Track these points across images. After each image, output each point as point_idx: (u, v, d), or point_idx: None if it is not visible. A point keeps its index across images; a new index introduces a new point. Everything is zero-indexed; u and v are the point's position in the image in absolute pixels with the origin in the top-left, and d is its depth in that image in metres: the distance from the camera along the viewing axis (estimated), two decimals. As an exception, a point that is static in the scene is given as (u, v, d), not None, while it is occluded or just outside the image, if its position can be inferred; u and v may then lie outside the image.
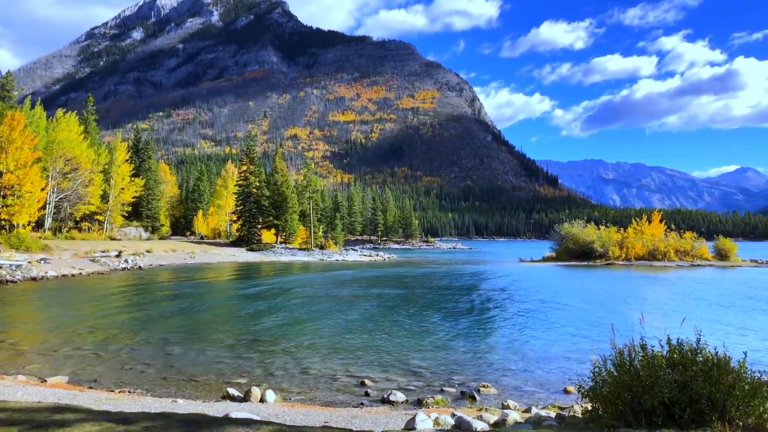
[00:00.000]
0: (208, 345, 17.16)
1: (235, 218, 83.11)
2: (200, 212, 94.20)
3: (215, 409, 9.44)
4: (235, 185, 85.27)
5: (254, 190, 79.83)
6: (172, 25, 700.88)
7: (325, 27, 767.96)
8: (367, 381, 13.09)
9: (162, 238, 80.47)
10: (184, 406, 9.77)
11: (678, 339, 7.41)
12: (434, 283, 42.45)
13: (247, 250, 73.82)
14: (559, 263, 67.68)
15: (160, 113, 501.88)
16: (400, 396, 11.64)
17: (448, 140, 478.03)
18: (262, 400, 11.02)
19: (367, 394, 12.15)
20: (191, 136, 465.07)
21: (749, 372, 7.09)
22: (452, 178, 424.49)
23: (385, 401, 11.47)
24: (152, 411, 7.95)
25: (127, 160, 71.63)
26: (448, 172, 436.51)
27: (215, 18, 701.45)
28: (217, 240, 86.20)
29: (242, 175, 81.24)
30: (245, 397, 11.13)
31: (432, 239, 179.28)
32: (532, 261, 71.63)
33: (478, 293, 34.72)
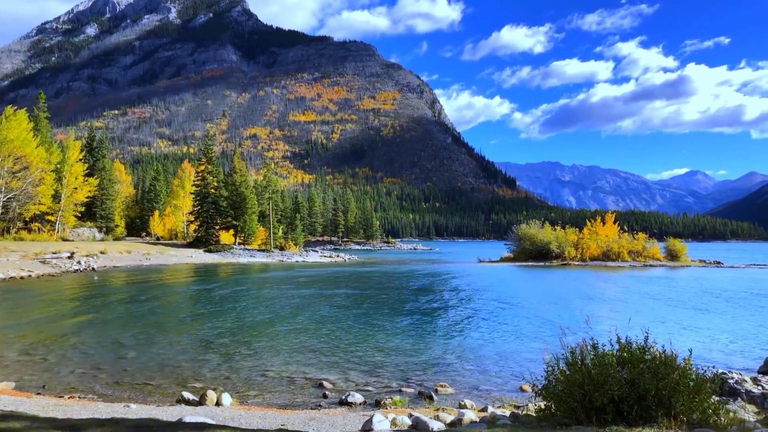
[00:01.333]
0: (163, 348, 16.84)
1: (192, 219, 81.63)
2: (156, 213, 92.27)
3: (169, 413, 9.26)
4: (192, 185, 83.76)
5: (212, 190, 78.62)
6: (128, 21, 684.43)
7: (288, 27, 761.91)
8: (325, 383, 13.05)
9: (117, 239, 78.49)
10: (136, 411, 9.56)
11: (627, 338, 7.62)
12: (394, 283, 42.55)
13: (205, 251, 72.62)
14: (517, 263, 68.70)
15: (116, 111, 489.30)
16: (358, 397, 11.64)
17: (408, 142, 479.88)
18: (218, 404, 10.87)
19: (325, 395, 12.12)
20: (147, 134, 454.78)
21: (694, 369, 7.35)
22: (413, 180, 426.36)
23: (343, 402, 11.46)
24: (102, 417, 7.76)
25: (80, 159, 69.55)
26: (408, 174, 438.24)
27: (173, 15, 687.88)
28: (174, 241, 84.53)
29: (200, 175, 79.86)
30: (201, 401, 10.96)
31: (393, 240, 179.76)
32: (491, 261, 72.50)
33: (438, 294, 34.96)
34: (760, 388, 10.97)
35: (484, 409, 10.22)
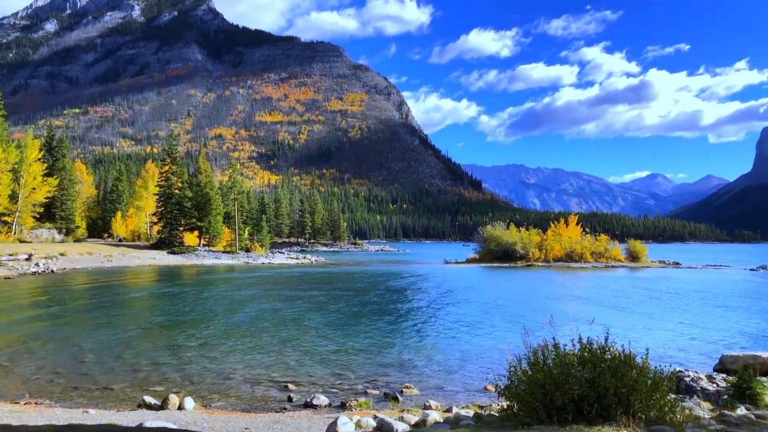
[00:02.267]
0: (125, 352, 16.52)
1: (155, 220, 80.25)
2: (119, 214, 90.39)
3: (129, 418, 9.09)
4: (156, 186, 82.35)
5: (176, 191, 77.43)
6: (90, 18, 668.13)
7: (256, 27, 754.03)
8: (290, 385, 12.97)
9: (77, 240, 76.59)
10: (95, 416, 9.34)
11: (588, 338, 7.76)
12: (361, 285, 42.53)
13: (169, 253, 71.47)
14: (482, 264, 69.37)
15: (76, 110, 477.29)
16: (323, 399, 11.60)
17: (376, 143, 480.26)
18: (180, 408, 10.71)
19: (290, 398, 12.04)
20: (110, 134, 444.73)
21: (652, 367, 7.53)
22: (380, 181, 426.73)
23: (308, 405, 11.40)
24: (60, 423, 7.58)
25: (39, 159, 67.66)
26: (376, 175, 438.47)
27: (136, 13, 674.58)
28: (137, 243, 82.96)
29: (164, 175, 78.59)
30: (162, 405, 10.79)
31: (360, 241, 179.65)
32: (457, 262, 73.05)
33: (404, 294, 35.08)
34: (714, 385, 11.30)
35: (449, 410, 10.29)
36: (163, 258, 67.07)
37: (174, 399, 10.94)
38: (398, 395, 12.15)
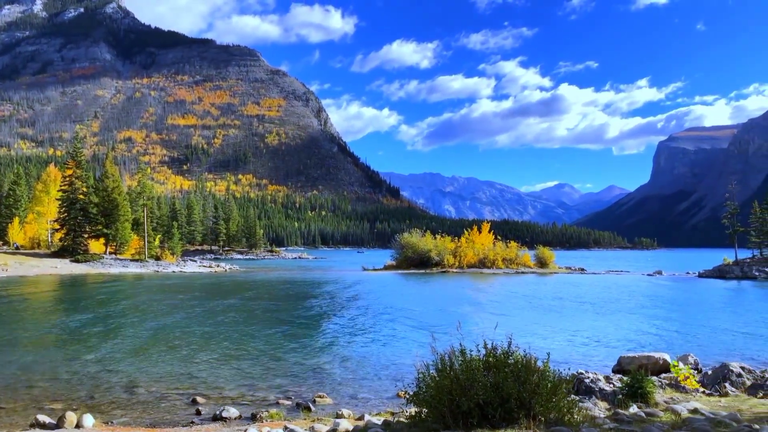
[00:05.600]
0: (17, 367, 15.48)
1: (58, 227, 75.83)
2: (16, 220, 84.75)
3: (20, 440, 8.52)
4: (59, 191, 77.81)
5: (81, 196, 73.63)
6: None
7: (175, 29, 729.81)
8: (199, 398, 12.58)
9: (-33, 248, 71.13)
10: (-19, 439, 8.69)
11: (493, 343, 8.00)
12: (276, 293, 41.96)
13: (72, 261, 67.74)
14: (400, 271, 70.16)
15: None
16: (233, 411, 11.32)
17: (294, 149, 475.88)
18: (78, 426, 10.16)
19: (198, 411, 11.68)
20: (7, 135, 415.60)
21: (553, 370, 7.88)
22: (299, 188, 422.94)
23: (217, 418, 11.10)
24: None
25: None
26: (294, 181, 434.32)
27: (38, 7, 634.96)
28: (36, 250, 78.00)
29: (67, 179, 74.48)
30: (59, 424, 10.19)
31: (277, 249, 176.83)
32: (375, 269, 73.49)
33: (320, 303, 34.90)
34: (611, 385, 11.95)
35: (361, 418, 10.31)
36: (65, 267, 63.51)
37: (71, 416, 10.35)
38: (311, 405, 12.05)
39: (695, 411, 8.85)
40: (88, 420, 10.37)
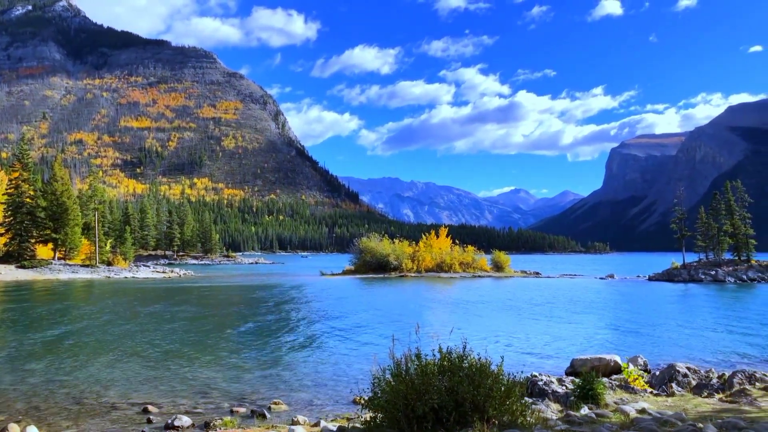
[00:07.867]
0: (-44, 380, 14.77)
1: (2, 231, 73.03)
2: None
3: (-43, 455, 8.13)
4: (3, 194, 74.97)
5: (28, 199, 71.23)
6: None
7: (133, 30, 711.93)
8: (150, 407, 12.25)
9: None
10: None
11: (449, 347, 8.04)
12: (231, 299, 41.35)
13: (17, 267, 65.36)
14: (358, 276, 70.09)
15: None
16: (186, 420, 11.07)
17: (251, 153, 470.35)
18: (21, 439, 9.76)
19: (149, 420, 11.38)
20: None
21: (507, 374, 7.96)
22: (256, 192, 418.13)
23: (169, 427, 10.83)
24: None
25: None
26: (251, 185, 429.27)
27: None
28: (-21, 256, 74.94)
29: (13, 182, 71.98)
30: (0, 437, 9.77)
31: (234, 254, 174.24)
32: (333, 274, 73.21)
33: (277, 308, 34.54)
34: (564, 387, 12.17)
35: (317, 424, 10.22)
36: (10, 273, 61.22)
37: (14, 428, 9.96)
38: (266, 412, 11.88)
39: (643, 411, 9.09)
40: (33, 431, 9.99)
